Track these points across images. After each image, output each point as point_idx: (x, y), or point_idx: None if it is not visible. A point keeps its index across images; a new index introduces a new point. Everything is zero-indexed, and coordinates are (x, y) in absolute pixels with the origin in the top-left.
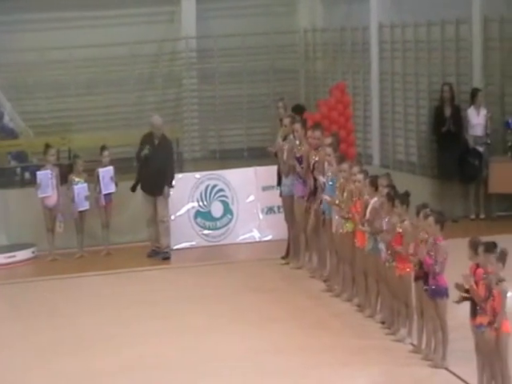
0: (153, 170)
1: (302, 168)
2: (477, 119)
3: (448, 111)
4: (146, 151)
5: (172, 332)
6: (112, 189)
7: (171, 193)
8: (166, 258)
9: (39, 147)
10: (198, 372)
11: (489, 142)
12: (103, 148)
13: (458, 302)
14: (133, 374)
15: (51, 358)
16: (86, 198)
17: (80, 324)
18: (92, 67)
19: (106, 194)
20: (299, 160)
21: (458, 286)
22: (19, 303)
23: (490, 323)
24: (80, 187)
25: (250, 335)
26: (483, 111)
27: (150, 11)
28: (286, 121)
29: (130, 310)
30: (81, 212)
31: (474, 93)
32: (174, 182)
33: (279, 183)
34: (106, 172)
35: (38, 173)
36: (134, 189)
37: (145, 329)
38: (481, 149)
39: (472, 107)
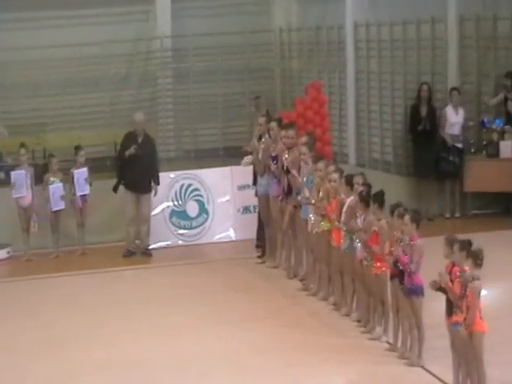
0: (139, 169)
1: (277, 167)
2: (455, 118)
3: (424, 110)
4: (132, 150)
5: (148, 332)
6: (86, 190)
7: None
8: (149, 255)
9: (14, 147)
10: (175, 372)
11: (472, 141)
12: (78, 148)
13: (434, 288)
14: (108, 374)
15: (26, 358)
16: (62, 197)
17: (55, 324)
18: (67, 67)
19: (81, 196)
20: (274, 159)
21: (433, 284)
22: None
23: (465, 321)
24: (55, 187)
25: (227, 334)
26: (461, 110)
27: (124, 10)
28: (262, 120)
29: (105, 310)
30: (56, 212)
31: (451, 92)
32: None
33: (255, 183)
34: (80, 173)
35: (12, 173)
36: (115, 189)
37: (121, 329)
38: (460, 146)
39: (450, 106)
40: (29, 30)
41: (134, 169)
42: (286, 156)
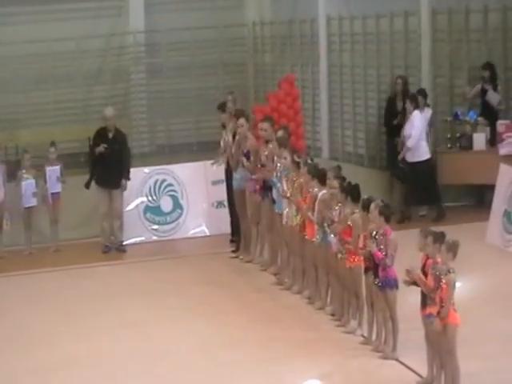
0: (109, 164)
1: (250, 163)
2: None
3: (400, 104)
4: (101, 148)
5: (122, 327)
6: (58, 188)
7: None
8: (123, 251)
9: None
10: (149, 366)
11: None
12: (51, 144)
13: (408, 285)
14: (81, 370)
15: None
16: (34, 194)
17: (28, 321)
18: (39, 62)
19: (52, 193)
20: (247, 155)
21: (405, 282)
22: None
23: (439, 314)
24: (27, 183)
25: (201, 329)
26: (428, 112)
27: (97, 5)
28: (242, 121)
29: (79, 306)
30: (28, 208)
31: (416, 96)
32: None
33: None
34: (53, 171)
35: None
36: (88, 185)
37: (94, 324)
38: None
39: (416, 111)
40: (0, 25)
41: (105, 164)
42: (266, 152)
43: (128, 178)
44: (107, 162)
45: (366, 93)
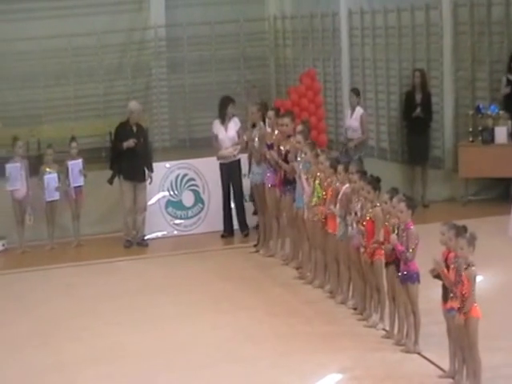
0: (135, 158)
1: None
2: (350, 120)
3: (419, 97)
4: (130, 143)
5: (143, 322)
6: (81, 182)
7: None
8: (145, 245)
9: (7, 139)
10: (171, 361)
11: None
12: (72, 139)
13: (433, 275)
14: (103, 365)
15: (21, 349)
16: (56, 188)
17: (51, 316)
18: (60, 58)
19: (75, 187)
20: (270, 148)
21: (432, 271)
22: None
23: (460, 307)
24: (50, 177)
25: (222, 324)
26: (359, 111)
27: (118, 0)
28: (253, 108)
29: (101, 302)
30: (51, 203)
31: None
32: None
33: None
34: (75, 165)
35: (7, 166)
36: (111, 181)
37: (115, 319)
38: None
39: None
40: (22, 21)
41: (131, 159)
42: (288, 147)
43: (152, 170)
44: (133, 156)
45: (387, 87)
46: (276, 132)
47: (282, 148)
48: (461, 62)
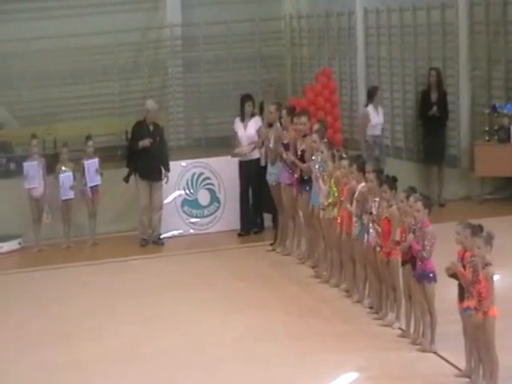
0: (151, 157)
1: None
2: (377, 119)
3: (434, 96)
4: (146, 143)
5: (158, 320)
6: (97, 181)
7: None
8: (161, 244)
9: (24, 138)
10: (185, 360)
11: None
12: (87, 138)
13: (448, 274)
14: (119, 363)
15: (37, 348)
16: (71, 187)
17: (67, 314)
18: (76, 56)
19: (91, 186)
20: (286, 147)
21: (447, 270)
22: (5, 294)
23: (477, 307)
24: (65, 176)
25: (238, 323)
26: (381, 110)
27: None
28: (272, 108)
29: (116, 300)
30: (66, 202)
31: (373, 91)
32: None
33: (265, 171)
34: (91, 164)
35: (24, 164)
36: (127, 179)
37: (131, 318)
38: (377, 150)
39: (371, 106)
40: (37, 19)
41: (147, 157)
42: (304, 146)
43: (168, 170)
44: (148, 155)
45: (403, 85)
46: (290, 131)
47: (297, 147)
48: (476, 61)
